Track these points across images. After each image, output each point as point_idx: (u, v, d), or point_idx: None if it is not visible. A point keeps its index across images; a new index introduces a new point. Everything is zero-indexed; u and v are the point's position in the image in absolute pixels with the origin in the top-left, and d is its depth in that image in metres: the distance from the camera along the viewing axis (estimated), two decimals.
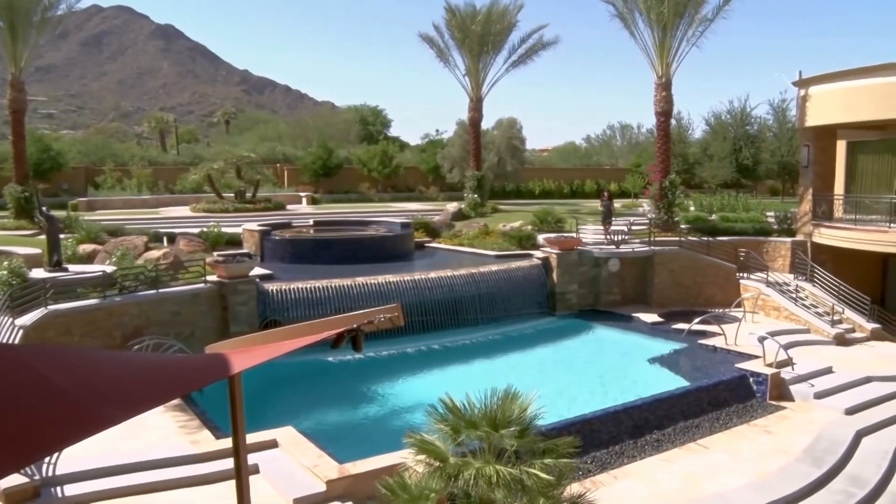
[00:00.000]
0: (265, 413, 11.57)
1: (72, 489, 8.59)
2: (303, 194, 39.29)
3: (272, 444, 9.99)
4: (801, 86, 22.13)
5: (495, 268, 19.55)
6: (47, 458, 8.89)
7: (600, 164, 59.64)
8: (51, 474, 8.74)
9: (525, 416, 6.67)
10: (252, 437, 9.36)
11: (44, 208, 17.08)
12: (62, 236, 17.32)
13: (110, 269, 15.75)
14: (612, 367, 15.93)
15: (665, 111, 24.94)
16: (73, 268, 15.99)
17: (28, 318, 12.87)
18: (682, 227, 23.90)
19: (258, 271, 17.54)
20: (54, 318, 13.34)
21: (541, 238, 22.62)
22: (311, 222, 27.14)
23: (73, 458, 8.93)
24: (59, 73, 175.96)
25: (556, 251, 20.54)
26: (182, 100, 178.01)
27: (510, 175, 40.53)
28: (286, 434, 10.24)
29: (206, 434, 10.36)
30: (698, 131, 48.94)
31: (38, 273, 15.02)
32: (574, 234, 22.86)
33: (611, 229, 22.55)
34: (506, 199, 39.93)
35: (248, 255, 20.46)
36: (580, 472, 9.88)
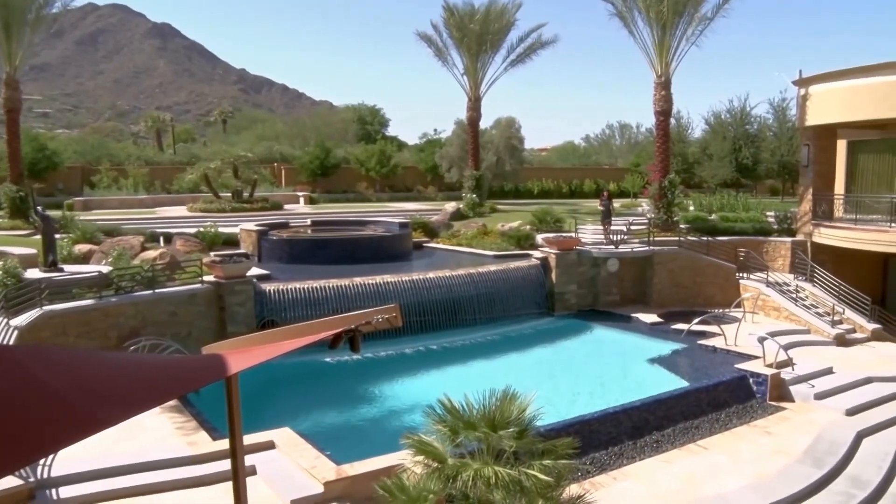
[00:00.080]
0: (262, 414, 11.52)
1: (67, 491, 8.53)
2: (300, 194, 39.13)
3: (269, 446, 9.96)
4: (802, 85, 22.11)
5: (494, 268, 19.52)
6: (42, 460, 8.80)
7: (599, 164, 59.54)
8: (46, 476, 8.67)
9: (524, 417, 6.66)
10: (249, 439, 9.20)
11: (39, 208, 17.01)
12: (57, 236, 17.32)
13: (106, 269, 15.69)
14: (611, 367, 15.90)
15: (664, 110, 24.88)
16: (68, 268, 15.98)
17: (23, 319, 12.80)
18: (682, 226, 23.84)
19: (255, 271, 17.51)
20: (49, 319, 13.28)
21: (539, 238, 22.59)
22: (308, 222, 27.08)
23: (68, 459, 8.87)
24: (54, 72, 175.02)
25: (554, 251, 20.50)
26: (179, 99, 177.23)
27: (509, 175, 40.40)
28: (283, 435, 10.22)
29: (202, 435, 10.33)
30: (698, 131, 48.70)
31: (34, 273, 14.97)
32: (573, 234, 22.84)
33: (610, 229, 22.50)
34: (504, 198, 39.85)
35: (245, 255, 20.30)
36: (579, 473, 9.87)
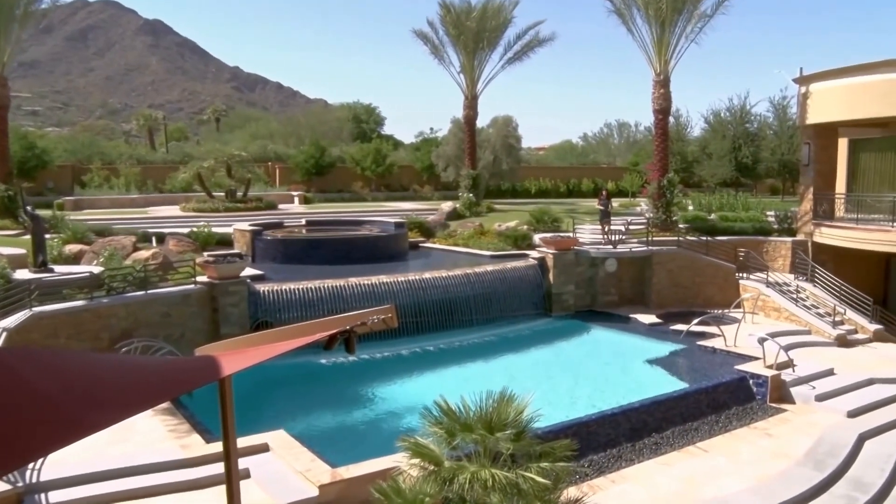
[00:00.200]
0: (256, 416, 11.42)
1: (57, 496, 8.39)
2: (295, 193, 38.98)
3: (263, 448, 9.87)
4: (802, 83, 22.04)
5: (491, 268, 19.44)
6: (31, 464, 8.66)
7: (597, 163, 59.43)
8: (35, 480, 8.53)
9: (521, 419, 6.64)
10: (243, 441, 9.25)
11: (28, 207, 16.87)
12: (47, 236, 17.17)
13: (97, 269, 15.56)
14: (609, 368, 15.84)
15: (663, 109, 24.79)
16: (58, 268, 15.84)
17: (12, 321, 12.63)
18: (681, 226, 23.74)
19: (249, 272, 17.41)
20: (39, 320, 13.12)
21: (537, 238, 22.50)
22: (303, 222, 26.97)
23: (57, 463, 8.73)
24: (43, 69, 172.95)
25: (552, 251, 20.41)
26: (171, 97, 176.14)
27: (506, 174, 40.34)
28: (278, 438, 10.13)
29: (195, 438, 10.22)
30: (697, 129, 48.74)
31: (23, 274, 14.82)
32: (571, 234, 22.79)
33: (609, 229, 22.37)
34: (501, 198, 39.79)
35: (238, 255, 20.33)
36: (577, 475, 9.83)
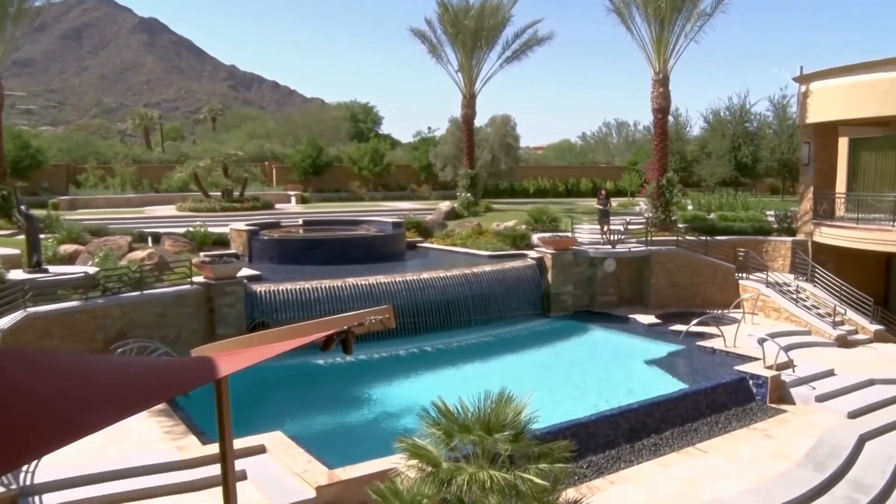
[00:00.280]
0: (253, 417, 11.34)
1: (51, 498, 8.32)
2: (292, 193, 38.86)
3: (260, 450, 9.83)
4: (802, 81, 21.94)
5: (489, 268, 19.37)
6: (25, 467, 8.59)
7: (596, 162, 59.11)
8: (28, 483, 8.45)
9: (519, 420, 6.59)
10: (239, 443, 9.19)
11: (23, 207, 16.81)
12: (42, 236, 17.12)
13: (93, 270, 15.51)
14: (608, 369, 15.78)
15: (662, 108, 24.69)
16: (53, 269, 15.80)
17: (5, 321, 12.54)
18: (680, 226, 23.64)
19: (246, 272, 17.33)
20: (33, 321, 13.03)
21: (535, 238, 22.42)
22: (300, 222, 26.86)
23: (52, 465, 8.67)
24: (37, 68, 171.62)
25: (550, 251, 20.33)
26: (167, 96, 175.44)
27: (504, 173, 40.24)
28: (274, 439, 10.09)
29: (191, 439, 10.17)
30: (696, 128, 48.49)
31: (17, 274, 14.77)
32: (569, 234, 22.66)
33: (609, 229, 22.28)
34: (499, 197, 39.65)
35: (235, 255, 20.21)
36: (576, 477, 9.77)
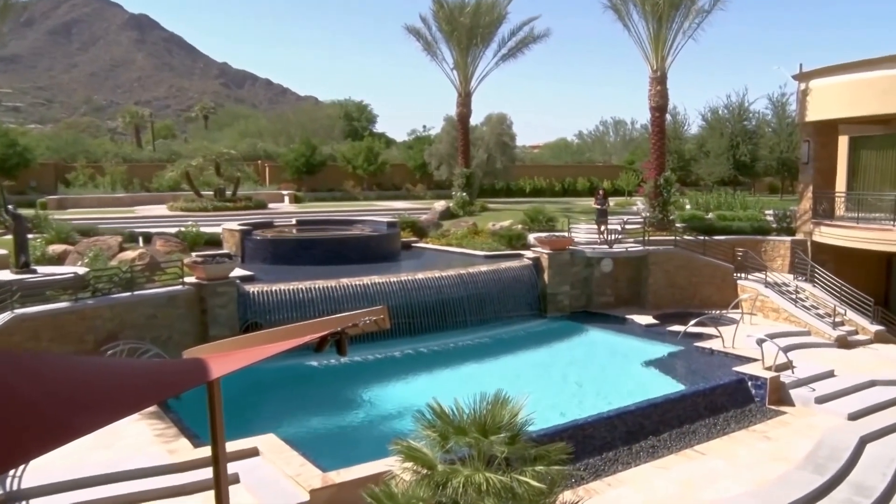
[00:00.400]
0: (246, 420, 11.23)
1: (39, 503, 8.19)
2: (285, 192, 38.79)
3: (253, 453, 9.74)
4: (802, 79, 21.84)
5: (485, 268, 19.27)
6: (12, 471, 8.47)
7: (593, 161, 59.14)
8: (16, 488, 8.33)
9: (515, 422, 6.45)
10: (232, 446, 9.09)
11: (10, 207, 16.62)
12: (30, 236, 16.91)
13: (82, 270, 15.35)
14: (605, 370, 15.71)
15: (660, 106, 24.61)
16: (41, 269, 15.58)
17: None
18: (678, 225, 23.57)
19: (238, 272, 17.23)
20: (21, 322, 12.85)
21: (531, 237, 22.31)
22: (293, 221, 26.77)
23: (40, 469, 8.55)
24: (25, 64, 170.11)
25: (547, 251, 20.22)
26: (158, 93, 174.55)
27: (500, 172, 40.13)
28: (268, 442, 10.00)
29: (183, 442, 10.07)
30: (694, 127, 48.30)
31: (4, 275, 14.56)
32: (566, 234, 22.58)
33: (606, 229, 22.15)
34: (495, 197, 39.64)
35: (227, 255, 20.05)
36: (573, 479, 9.62)
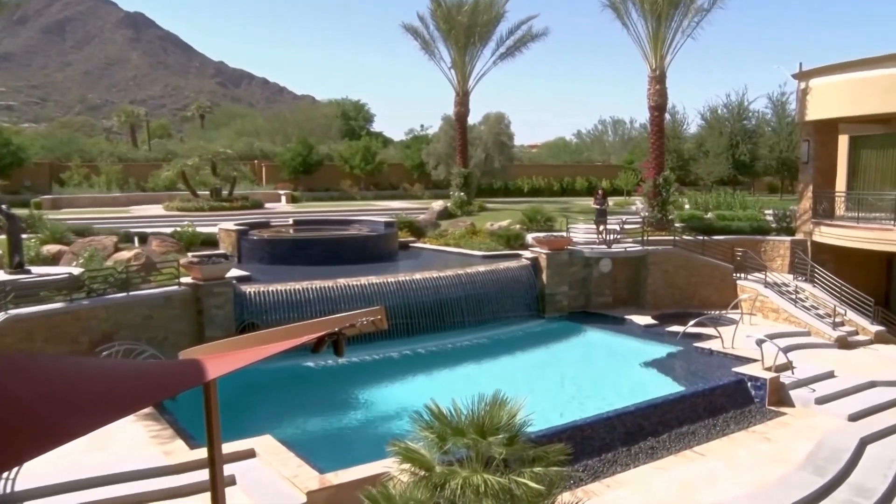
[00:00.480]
0: (242, 421, 11.15)
1: None
2: (282, 192, 38.75)
3: (249, 454, 9.70)
4: (802, 78, 21.79)
5: (483, 268, 19.21)
6: (5, 474, 8.39)
7: (591, 161, 59.10)
8: (9, 491, 8.25)
9: (514, 423, 6.42)
10: (228, 447, 9.03)
11: (3, 206, 16.46)
12: (24, 236, 16.83)
13: (77, 270, 15.27)
14: (603, 371, 15.67)
15: (659, 105, 24.54)
16: (35, 269, 15.51)
17: None
18: (677, 225, 23.51)
19: (235, 273, 17.14)
20: (14, 323, 12.75)
21: (530, 237, 22.26)
22: (290, 221, 26.71)
23: (33, 472, 8.46)
24: (18, 62, 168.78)
25: (545, 251, 20.16)
26: (153, 92, 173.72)
27: (498, 172, 40.13)
28: (264, 443, 9.95)
29: (179, 444, 10.02)
30: (693, 126, 48.45)
31: None
32: (564, 234, 22.49)
33: (606, 229, 22.08)
34: (493, 196, 39.62)
35: (224, 255, 20.04)
36: (571, 480, 9.57)
